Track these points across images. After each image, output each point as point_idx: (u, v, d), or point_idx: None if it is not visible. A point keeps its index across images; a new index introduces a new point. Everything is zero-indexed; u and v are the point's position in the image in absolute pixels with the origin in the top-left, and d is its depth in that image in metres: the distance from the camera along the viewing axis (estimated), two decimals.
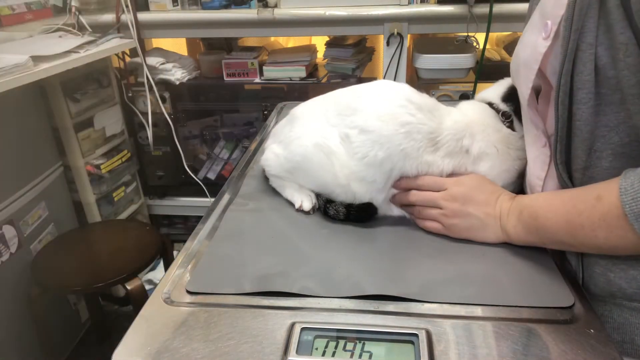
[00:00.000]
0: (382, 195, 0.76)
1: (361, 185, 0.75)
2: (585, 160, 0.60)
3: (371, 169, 0.74)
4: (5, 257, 1.41)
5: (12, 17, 1.64)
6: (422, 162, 0.73)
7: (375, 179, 0.74)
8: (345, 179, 0.76)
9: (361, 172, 0.75)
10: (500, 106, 0.80)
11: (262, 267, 0.67)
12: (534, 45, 0.63)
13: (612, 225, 0.55)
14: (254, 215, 0.81)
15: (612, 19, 0.52)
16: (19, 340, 1.47)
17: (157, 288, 0.64)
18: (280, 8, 1.79)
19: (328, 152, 0.77)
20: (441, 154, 0.74)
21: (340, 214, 0.77)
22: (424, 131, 0.73)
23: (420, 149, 0.73)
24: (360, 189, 0.76)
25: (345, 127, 0.76)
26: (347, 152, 0.76)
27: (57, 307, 1.67)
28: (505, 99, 0.80)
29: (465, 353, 0.52)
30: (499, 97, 0.81)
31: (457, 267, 0.66)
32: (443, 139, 0.74)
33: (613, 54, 0.53)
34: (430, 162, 0.74)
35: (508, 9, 1.65)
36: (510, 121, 0.79)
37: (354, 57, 1.91)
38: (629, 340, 0.63)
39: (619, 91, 0.55)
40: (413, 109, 0.73)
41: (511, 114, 0.79)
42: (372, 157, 0.73)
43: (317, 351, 0.54)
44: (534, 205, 0.65)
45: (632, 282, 0.61)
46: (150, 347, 0.54)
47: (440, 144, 0.74)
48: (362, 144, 0.74)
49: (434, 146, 0.73)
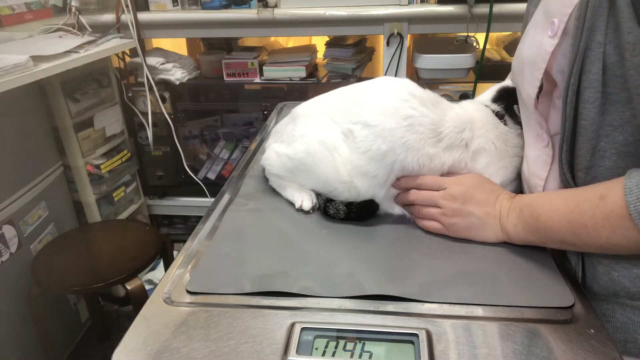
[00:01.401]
0: (383, 190, 0.77)
1: (364, 180, 0.75)
2: (589, 159, 0.60)
3: (373, 162, 0.74)
4: (5, 257, 1.41)
5: (12, 17, 1.64)
6: (424, 154, 0.74)
7: (377, 173, 0.74)
8: (348, 175, 0.76)
9: (364, 167, 0.75)
10: (491, 107, 0.82)
11: (262, 267, 0.67)
12: (540, 43, 0.62)
13: (615, 225, 0.55)
14: (254, 215, 0.81)
15: (621, 17, 0.52)
16: (19, 340, 1.47)
17: (157, 288, 0.64)
18: (280, 8, 1.79)
19: (331, 148, 0.77)
20: (443, 145, 0.74)
21: (340, 212, 0.77)
22: (426, 123, 0.73)
23: (422, 141, 0.73)
24: (363, 184, 0.76)
25: (349, 123, 0.76)
26: (350, 147, 0.76)
27: (57, 307, 1.67)
28: (495, 99, 0.83)
29: (465, 353, 0.52)
30: (490, 100, 0.83)
31: (457, 267, 0.66)
32: (445, 131, 0.74)
33: (621, 53, 0.53)
34: (432, 155, 0.74)
35: (508, 9, 1.65)
36: (504, 120, 0.80)
37: (354, 57, 1.91)
38: (632, 339, 0.62)
39: (626, 90, 0.54)
40: (416, 102, 0.74)
41: (504, 113, 0.80)
42: (375, 150, 0.73)
43: (317, 351, 0.54)
44: (535, 204, 0.65)
45: (636, 280, 0.61)
46: (150, 347, 0.54)
47: (442, 136, 0.74)
48: (365, 138, 0.74)
49: (437, 137, 0.74)
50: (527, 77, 0.66)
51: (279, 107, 1.32)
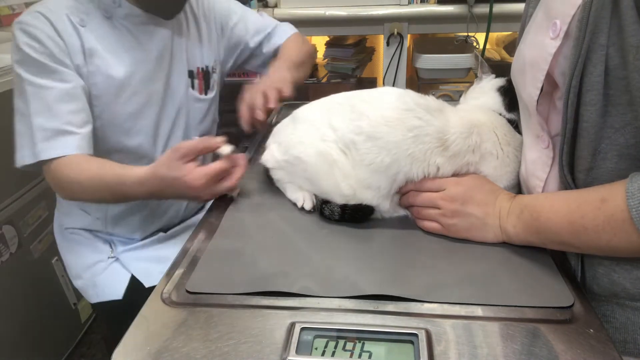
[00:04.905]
0: (388, 201, 0.76)
1: (367, 192, 0.74)
2: (589, 161, 0.60)
3: (376, 174, 0.73)
4: (5, 257, 1.41)
5: (12, 17, 1.65)
6: (431, 164, 0.72)
7: (380, 184, 0.73)
8: (349, 189, 0.75)
9: (367, 180, 0.74)
10: (505, 115, 0.80)
11: (262, 267, 0.67)
12: (542, 45, 0.61)
13: (616, 228, 0.55)
14: (254, 215, 0.81)
15: (625, 20, 0.52)
16: (19, 340, 1.47)
17: (157, 288, 0.64)
18: (280, 8, 1.79)
19: (331, 161, 0.75)
20: (449, 154, 0.72)
21: (335, 214, 0.77)
22: (432, 132, 0.71)
23: (428, 151, 0.71)
24: (366, 196, 0.75)
25: (351, 132, 0.74)
26: (353, 159, 0.74)
27: (57, 307, 1.67)
28: (508, 108, 0.80)
29: (465, 353, 0.52)
30: (502, 106, 0.81)
31: (457, 267, 0.66)
32: (451, 137, 0.72)
33: (624, 55, 0.53)
34: (439, 164, 0.72)
35: (508, 9, 1.65)
36: (515, 125, 0.79)
37: (354, 57, 1.91)
38: (632, 339, 0.63)
39: (628, 93, 0.54)
40: (421, 111, 0.72)
41: (516, 119, 0.79)
42: (379, 163, 0.72)
43: (317, 351, 0.54)
44: (535, 205, 0.65)
45: (636, 282, 0.61)
46: (150, 347, 0.54)
47: (448, 143, 0.72)
48: (369, 151, 0.72)
49: (443, 145, 0.72)
50: (528, 79, 0.65)
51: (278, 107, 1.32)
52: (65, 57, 0.91)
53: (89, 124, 0.93)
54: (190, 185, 0.77)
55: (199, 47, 1.12)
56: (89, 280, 1.10)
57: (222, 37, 1.18)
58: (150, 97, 1.03)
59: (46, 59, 0.89)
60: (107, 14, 0.97)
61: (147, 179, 0.82)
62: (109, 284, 1.08)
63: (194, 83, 1.12)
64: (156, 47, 1.02)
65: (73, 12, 0.94)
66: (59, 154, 0.89)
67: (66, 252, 1.16)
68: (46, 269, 1.56)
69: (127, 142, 1.02)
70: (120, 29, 0.98)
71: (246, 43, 1.21)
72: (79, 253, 1.13)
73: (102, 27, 0.96)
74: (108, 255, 1.12)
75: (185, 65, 1.08)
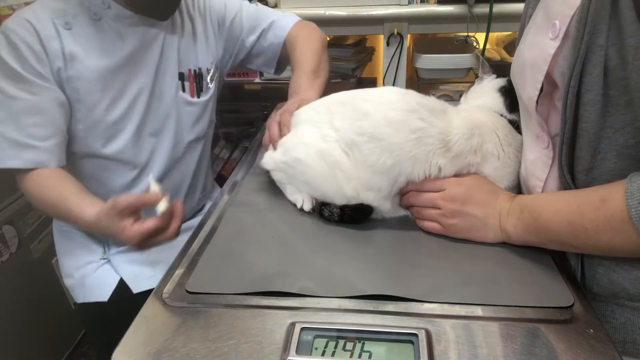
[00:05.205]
0: (388, 202, 0.76)
1: (369, 194, 0.74)
2: (589, 161, 0.60)
3: (378, 176, 0.73)
4: (5, 257, 1.41)
5: None
6: (433, 165, 0.72)
7: (381, 185, 0.73)
8: (352, 191, 0.75)
9: (369, 181, 0.74)
10: (507, 115, 0.80)
11: (261, 267, 0.67)
12: (542, 45, 0.62)
13: (616, 228, 0.55)
14: (253, 215, 0.81)
15: (624, 20, 0.52)
16: (19, 340, 1.47)
17: (157, 288, 0.64)
18: (280, 8, 1.79)
19: (332, 162, 0.75)
20: (451, 155, 0.72)
21: (334, 215, 0.77)
22: (435, 134, 0.71)
23: (431, 152, 0.71)
24: (368, 197, 0.75)
25: (353, 133, 0.74)
26: (355, 160, 0.74)
27: (57, 307, 1.67)
28: (509, 109, 0.80)
29: (465, 353, 0.52)
30: (504, 107, 0.80)
31: (457, 267, 0.66)
32: (453, 139, 0.72)
33: (623, 55, 0.53)
34: (441, 165, 0.72)
35: (508, 9, 1.65)
36: (517, 126, 0.79)
37: (354, 57, 1.91)
38: (631, 340, 0.63)
39: (627, 93, 0.54)
40: (424, 112, 0.72)
41: (517, 120, 0.79)
42: (381, 164, 0.72)
43: (317, 351, 0.54)
44: (535, 205, 0.65)
45: (636, 282, 0.61)
46: (150, 347, 0.54)
47: (451, 144, 0.72)
48: (371, 152, 0.72)
49: (445, 147, 0.72)
50: (528, 79, 0.65)
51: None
52: (43, 66, 0.90)
53: (54, 137, 0.92)
54: (126, 242, 0.78)
55: (193, 48, 1.09)
56: (79, 280, 1.10)
57: (220, 35, 1.15)
58: (135, 101, 1.01)
59: (20, 67, 0.89)
60: (96, 16, 0.95)
61: (91, 225, 0.84)
62: (97, 286, 1.08)
63: (185, 85, 1.09)
64: (145, 48, 1.00)
65: (59, 16, 0.93)
66: (17, 165, 0.90)
67: (62, 251, 1.16)
68: (46, 269, 1.56)
69: (110, 147, 1.01)
70: (108, 31, 0.96)
71: (242, 41, 1.18)
72: (74, 252, 1.13)
73: (89, 29, 0.95)
74: (100, 257, 1.11)
75: (176, 67, 1.06)
